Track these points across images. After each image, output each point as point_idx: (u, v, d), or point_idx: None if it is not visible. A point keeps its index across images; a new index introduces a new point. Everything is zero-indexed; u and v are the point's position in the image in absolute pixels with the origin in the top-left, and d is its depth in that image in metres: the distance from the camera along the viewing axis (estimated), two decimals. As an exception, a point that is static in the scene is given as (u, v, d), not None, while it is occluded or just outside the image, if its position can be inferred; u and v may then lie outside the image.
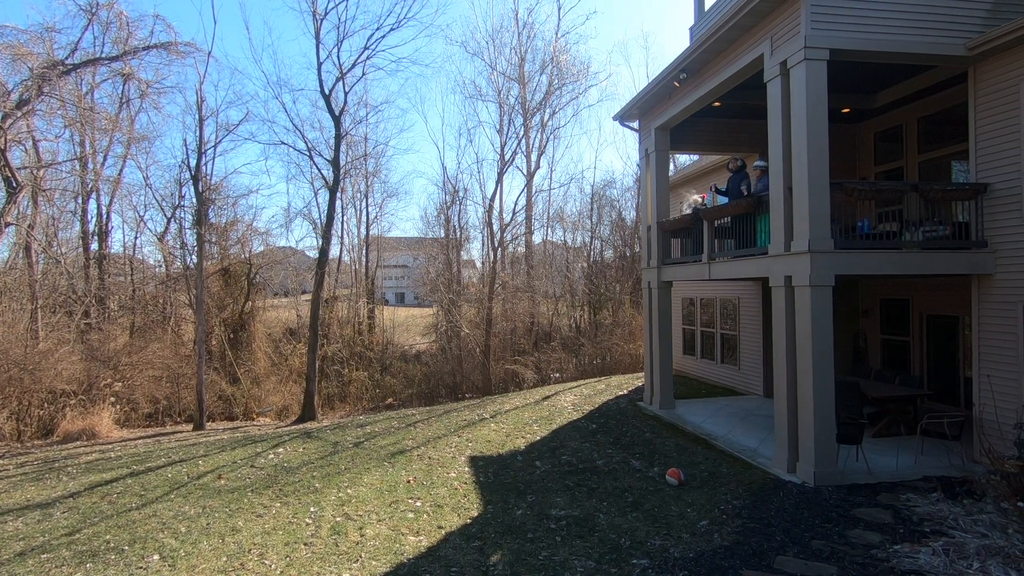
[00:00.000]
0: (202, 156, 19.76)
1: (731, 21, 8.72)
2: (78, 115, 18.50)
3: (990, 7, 8.01)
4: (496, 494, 8.17)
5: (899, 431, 9.61)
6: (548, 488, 8.28)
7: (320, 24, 20.15)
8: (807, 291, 7.70)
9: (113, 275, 24.91)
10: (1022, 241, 7.63)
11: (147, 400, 19.07)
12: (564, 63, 28.21)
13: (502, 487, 8.47)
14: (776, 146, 8.29)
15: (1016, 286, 7.71)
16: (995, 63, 7.91)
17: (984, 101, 8.09)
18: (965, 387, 9.79)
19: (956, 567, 5.40)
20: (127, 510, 8.36)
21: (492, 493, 8.23)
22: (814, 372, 7.65)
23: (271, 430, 15.98)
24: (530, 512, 7.41)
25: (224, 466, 10.50)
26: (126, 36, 18.12)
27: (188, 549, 6.79)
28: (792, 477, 7.95)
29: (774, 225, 8.39)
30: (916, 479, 7.67)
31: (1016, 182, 7.67)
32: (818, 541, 6.11)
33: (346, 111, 22.06)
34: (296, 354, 25.08)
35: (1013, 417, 7.43)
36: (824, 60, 7.67)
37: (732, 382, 14.60)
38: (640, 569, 5.74)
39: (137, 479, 9.99)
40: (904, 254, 8.05)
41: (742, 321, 14.19)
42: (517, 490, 8.29)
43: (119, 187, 24.23)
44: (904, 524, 6.39)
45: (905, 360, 11.24)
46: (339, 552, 6.53)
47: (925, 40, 7.94)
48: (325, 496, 8.44)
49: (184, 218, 24.15)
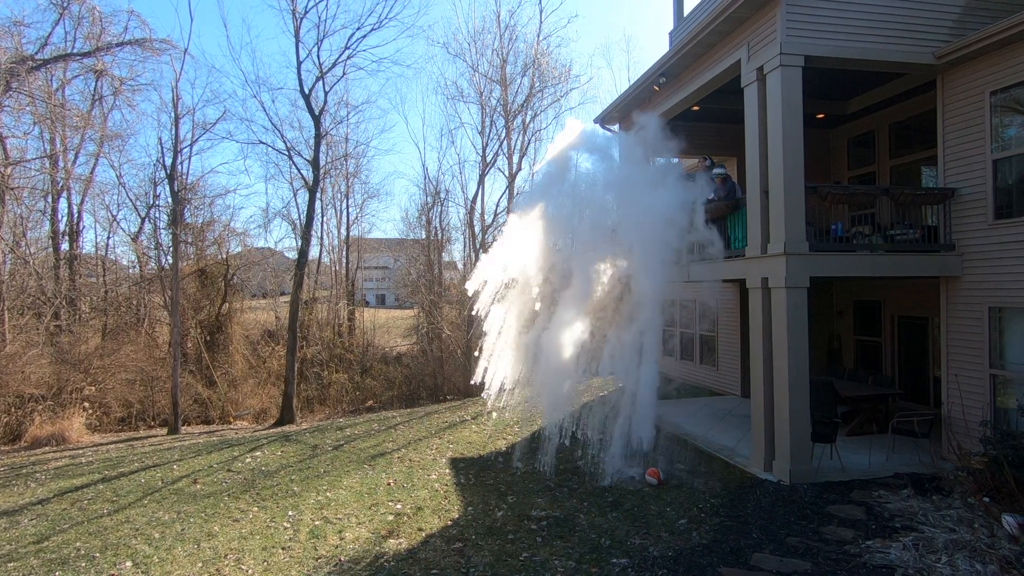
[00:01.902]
0: (178, 155, 19.41)
1: (709, 27, 8.85)
2: (48, 112, 18.02)
3: (957, 17, 8.26)
4: (477, 496, 8.16)
5: (872, 430, 9.83)
6: (529, 489, 8.29)
7: (300, 23, 19.94)
8: (783, 292, 7.84)
9: (84, 276, 24.27)
10: (988, 244, 7.87)
11: (120, 404, 18.62)
12: (546, 66, 28.30)
13: (483, 488, 8.46)
14: (753, 150, 8.44)
15: (982, 288, 7.96)
16: (961, 71, 8.16)
17: (951, 108, 8.34)
18: (935, 386, 10.06)
19: (925, 561, 5.54)
20: (98, 516, 8.15)
21: (473, 495, 8.21)
22: (790, 372, 7.79)
23: (249, 433, 15.73)
24: (511, 513, 7.41)
25: (200, 470, 10.31)
26: (99, 32, 17.70)
27: (162, 555, 6.66)
28: (768, 475, 8.09)
29: (751, 228, 8.54)
30: (888, 476, 7.86)
31: (982, 187, 7.91)
32: (793, 538, 6.22)
33: (326, 111, 21.84)
34: (274, 356, 24.74)
35: (979, 415, 7.66)
36: (799, 66, 7.84)
37: (711, 382, 14.79)
38: (620, 568, 5.78)
39: (109, 485, 9.75)
40: (876, 256, 8.26)
41: (720, 322, 14.39)
42: (498, 491, 8.29)
43: (91, 186, 23.61)
44: (876, 520, 6.54)
45: (878, 360, 11.51)
46: (317, 556, 6.46)
47: (896, 48, 8.16)
48: (304, 500, 8.34)
49: (159, 218, 23.67)
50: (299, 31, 19.93)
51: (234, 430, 18.19)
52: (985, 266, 7.92)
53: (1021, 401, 7.25)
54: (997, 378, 7.79)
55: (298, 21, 19.90)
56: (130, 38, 17.50)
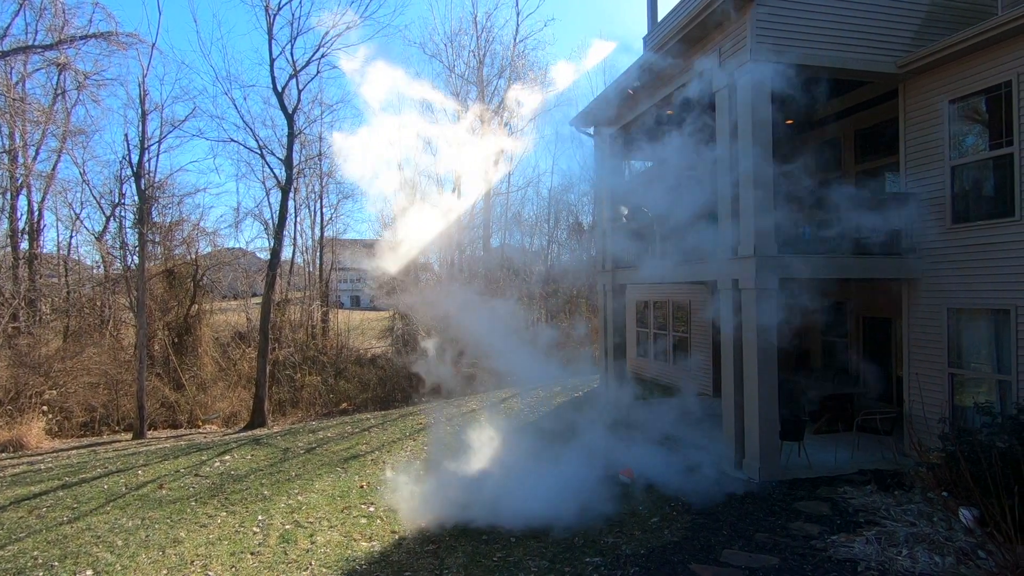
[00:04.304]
0: (145, 152, 18.90)
1: (681, 32, 9.00)
2: (7, 106, 17.37)
3: (918, 28, 8.56)
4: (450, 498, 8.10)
5: (838, 428, 10.09)
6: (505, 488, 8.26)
7: (273, 19, 19.62)
8: (752, 294, 8.00)
9: (46, 276, 23.46)
10: (947, 247, 8.16)
11: (82, 408, 18.01)
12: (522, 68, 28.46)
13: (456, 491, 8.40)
14: (724, 154, 8.60)
15: (942, 290, 8.24)
16: (922, 80, 8.45)
17: (912, 116, 8.63)
18: (897, 386, 10.37)
19: (887, 554, 5.71)
20: (58, 524, 7.87)
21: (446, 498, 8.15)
22: (759, 372, 7.95)
23: (218, 437, 15.38)
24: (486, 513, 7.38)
25: (166, 475, 10.04)
26: (61, 24, 17.13)
27: (125, 563, 6.46)
28: (739, 473, 8.23)
29: (721, 230, 8.69)
30: (853, 473, 8.08)
31: (941, 192, 8.20)
32: (762, 534, 6.35)
33: (300, 109, 21.52)
34: (246, 359, 24.23)
35: (939, 413, 7.93)
36: (768, 73, 8.02)
37: (683, 382, 14.98)
38: (593, 567, 5.82)
39: (69, 491, 9.42)
40: (842, 259, 8.49)
41: (693, 323, 14.61)
42: (473, 491, 8.24)
43: (53, 183, 22.82)
44: (841, 515, 6.72)
45: (843, 360, 11.81)
46: (288, 560, 6.35)
47: (861, 57, 8.41)
48: (274, 504, 8.19)
49: (125, 217, 23.02)
50: (272, 28, 19.62)
51: (203, 434, 17.76)
52: (944, 269, 8.21)
53: (978, 399, 7.53)
54: (955, 377, 8.07)
55: (271, 18, 19.59)
56: (95, 31, 16.97)
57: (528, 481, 7.74)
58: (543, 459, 8.50)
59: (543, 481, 7.72)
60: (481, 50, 27.88)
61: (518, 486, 7.64)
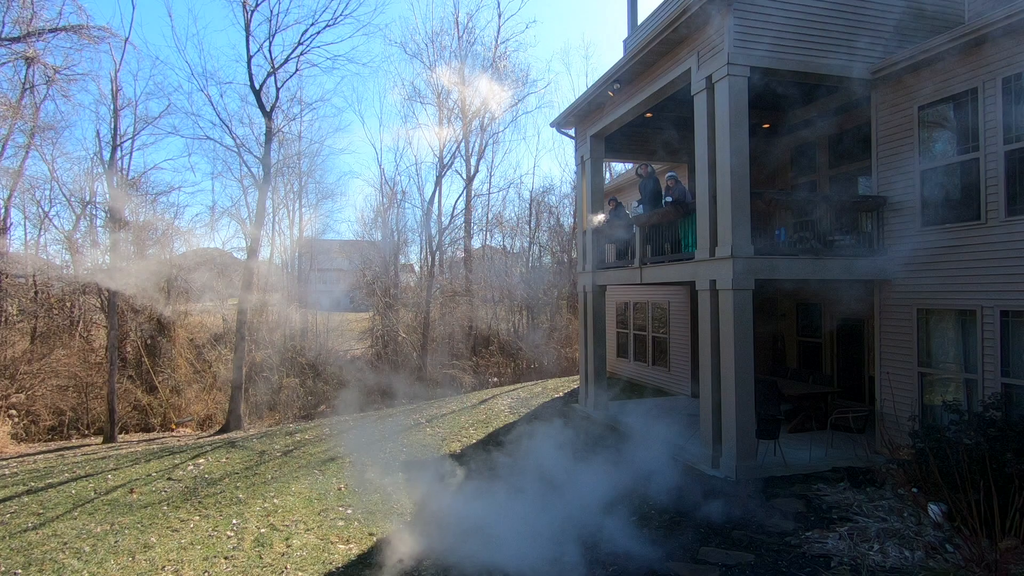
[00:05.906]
0: (117, 149, 18.48)
1: (660, 36, 9.09)
2: (-29, 99, 16.84)
3: (891, 35, 8.77)
4: (431, 497, 8.06)
5: (812, 426, 10.27)
6: (484, 489, 8.25)
7: (251, 16, 19.36)
8: (729, 294, 8.10)
9: (12, 276, 22.76)
10: (916, 250, 8.36)
11: (50, 412, 17.53)
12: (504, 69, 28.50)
13: (437, 490, 8.36)
14: (702, 157, 8.70)
15: (912, 291, 8.44)
16: (893, 87, 8.66)
17: (884, 121, 8.84)
18: (870, 385, 10.59)
19: (859, 549, 5.82)
20: (22, 531, 7.63)
21: (427, 497, 8.11)
22: (736, 371, 8.05)
23: (191, 440, 15.06)
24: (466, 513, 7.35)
25: (137, 480, 9.80)
26: (30, 16, 16.66)
27: (93, 569, 6.29)
28: (716, 472, 8.32)
29: (700, 232, 8.79)
30: (826, 470, 8.22)
31: (912, 196, 8.41)
32: (738, 531, 6.42)
33: (278, 107, 21.25)
34: (221, 361, 23.81)
35: (909, 410, 8.12)
36: (746, 76, 8.14)
37: (663, 383, 15.13)
38: (571, 565, 5.82)
39: (35, 497, 9.14)
40: (816, 260, 8.64)
41: (672, 324, 14.75)
42: (452, 492, 8.21)
43: (20, 180, 22.15)
44: (815, 512, 6.83)
45: (818, 360, 12.03)
46: (263, 564, 6.24)
47: (836, 63, 8.58)
48: (249, 507, 8.05)
49: (96, 215, 22.47)
50: (250, 24, 19.36)
51: (176, 437, 17.39)
52: (914, 270, 8.41)
53: (946, 398, 7.72)
54: (925, 376, 8.27)
55: (249, 14, 19.33)
56: (65, 24, 16.58)
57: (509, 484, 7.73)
58: (519, 453, 8.49)
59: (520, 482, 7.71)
60: (463, 51, 27.86)
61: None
